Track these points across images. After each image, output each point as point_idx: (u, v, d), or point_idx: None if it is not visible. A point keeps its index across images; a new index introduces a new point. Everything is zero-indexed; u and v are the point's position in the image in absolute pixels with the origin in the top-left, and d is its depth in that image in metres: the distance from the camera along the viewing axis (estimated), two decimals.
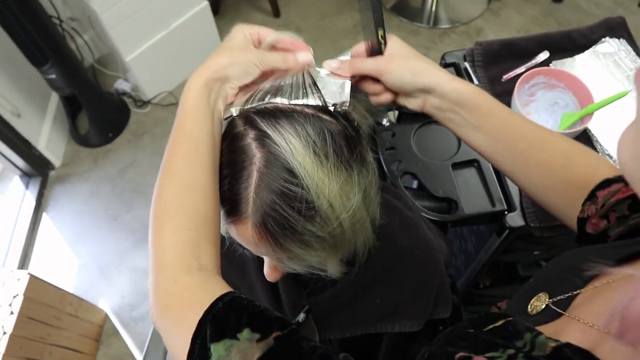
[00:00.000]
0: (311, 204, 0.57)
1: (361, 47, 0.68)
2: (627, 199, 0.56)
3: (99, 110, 2.48)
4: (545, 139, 0.65)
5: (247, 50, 0.63)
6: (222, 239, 0.67)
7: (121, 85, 2.60)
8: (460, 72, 1.24)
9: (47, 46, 2.01)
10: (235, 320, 0.48)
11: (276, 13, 2.84)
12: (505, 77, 1.21)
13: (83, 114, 2.54)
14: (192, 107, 0.60)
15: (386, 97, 0.67)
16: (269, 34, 0.65)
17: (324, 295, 0.81)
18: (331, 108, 0.62)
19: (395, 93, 0.66)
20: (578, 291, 0.48)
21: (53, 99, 2.54)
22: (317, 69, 0.65)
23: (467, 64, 1.23)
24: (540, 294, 0.52)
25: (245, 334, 0.47)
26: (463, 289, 1.42)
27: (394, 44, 0.65)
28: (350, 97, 0.63)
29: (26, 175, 2.39)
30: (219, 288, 0.53)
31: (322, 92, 0.63)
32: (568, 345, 0.37)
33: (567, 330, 0.44)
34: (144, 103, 2.59)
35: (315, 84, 0.63)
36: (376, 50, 0.64)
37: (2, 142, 2.14)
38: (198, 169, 0.59)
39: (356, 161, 0.62)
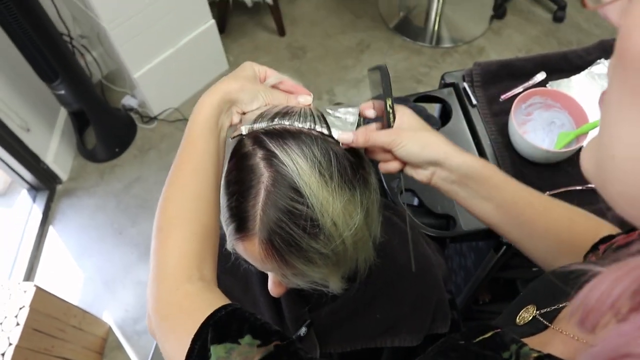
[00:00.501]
0: (316, 222, 0.59)
1: (369, 104, 0.70)
2: (626, 245, 0.58)
3: (106, 125, 2.52)
4: (550, 206, 0.68)
5: (256, 83, 0.69)
6: (228, 254, 0.70)
7: (128, 101, 2.65)
8: (459, 92, 1.27)
9: (57, 63, 2.06)
10: (237, 328, 0.50)
11: (281, 32, 2.90)
12: (503, 97, 1.24)
13: (90, 129, 2.58)
14: (202, 124, 0.65)
15: (394, 166, 0.68)
16: (274, 74, 0.71)
17: (325, 310, 0.83)
18: (335, 136, 0.64)
19: (404, 163, 0.68)
20: (564, 304, 0.50)
21: (62, 114, 2.59)
22: (328, 110, 0.68)
23: (465, 84, 1.26)
24: (529, 306, 0.55)
25: (247, 339, 0.49)
26: (463, 305, 1.43)
27: (404, 116, 0.66)
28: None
29: (34, 189, 2.43)
30: (218, 298, 0.55)
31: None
32: (549, 356, 0.39)
33: (552, 342, 0.46)
34: (150, 119, 2.63)
35: (322, 115, 0.66)
36: (385, 119, 0.65)
37: (11, 156, 2.18)
38: (203, 183, 0.63)
39: (359, 182, 0.64)
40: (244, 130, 0.65)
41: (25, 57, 2.02)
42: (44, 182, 2.40)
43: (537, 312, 0.52)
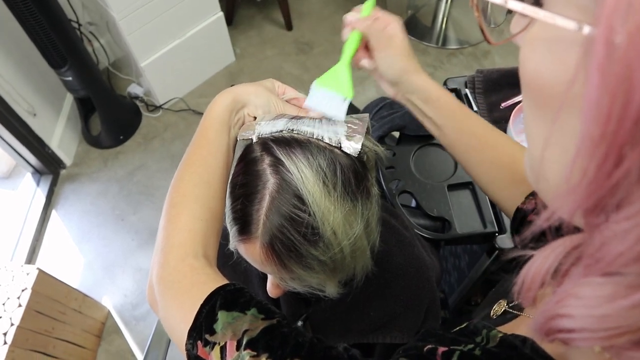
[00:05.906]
0: (316, 230, 0.61)
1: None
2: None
3: (112, 112, 2.54)
4: (497, 141, 0.74)
5: (271, 92, 0.73)
6: (231, 253, 0.72)
7: (134, 89, 2.67)
8: (461, 98, 1.30)
9: (66, 50, 2.08)
10: (245, 301, 0.53)
11: (289, 26, 2.91)
12: (504, 104, 1.27)
13: (96, 116, 2.61)
14: (216, 119, 0.68)
15: (366, 63, 0.79)
16: (292, 91, 0.76)
17: (322, 306, 0.86)
18: (345, 149, 0.65)
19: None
20: None
21: (68, 99, 2.61)
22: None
23: (467, 91, 1.29)
24: (501, 301, 0.58)
25: (252, 311, 0.52)
26: (455, 305, 1.46)
27: (398, 34, 0.74)
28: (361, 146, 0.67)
29: (38, 173, 2.46)
30: (220, 277, 0.59)
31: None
32: (513, 335, 0.43)
33: (520, 327, 0.50)
34: (155, 108, 2.65)
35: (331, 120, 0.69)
36: None
37: (17, 140, 2.21)
38: (215, 170, 0.66)
39: (362, 194, 0.66)
40: (254, 137, 0.68)
41: (34, 43, 2.04)
42: (48, 166, 2.43)
43: (507, 305, 0.56)
